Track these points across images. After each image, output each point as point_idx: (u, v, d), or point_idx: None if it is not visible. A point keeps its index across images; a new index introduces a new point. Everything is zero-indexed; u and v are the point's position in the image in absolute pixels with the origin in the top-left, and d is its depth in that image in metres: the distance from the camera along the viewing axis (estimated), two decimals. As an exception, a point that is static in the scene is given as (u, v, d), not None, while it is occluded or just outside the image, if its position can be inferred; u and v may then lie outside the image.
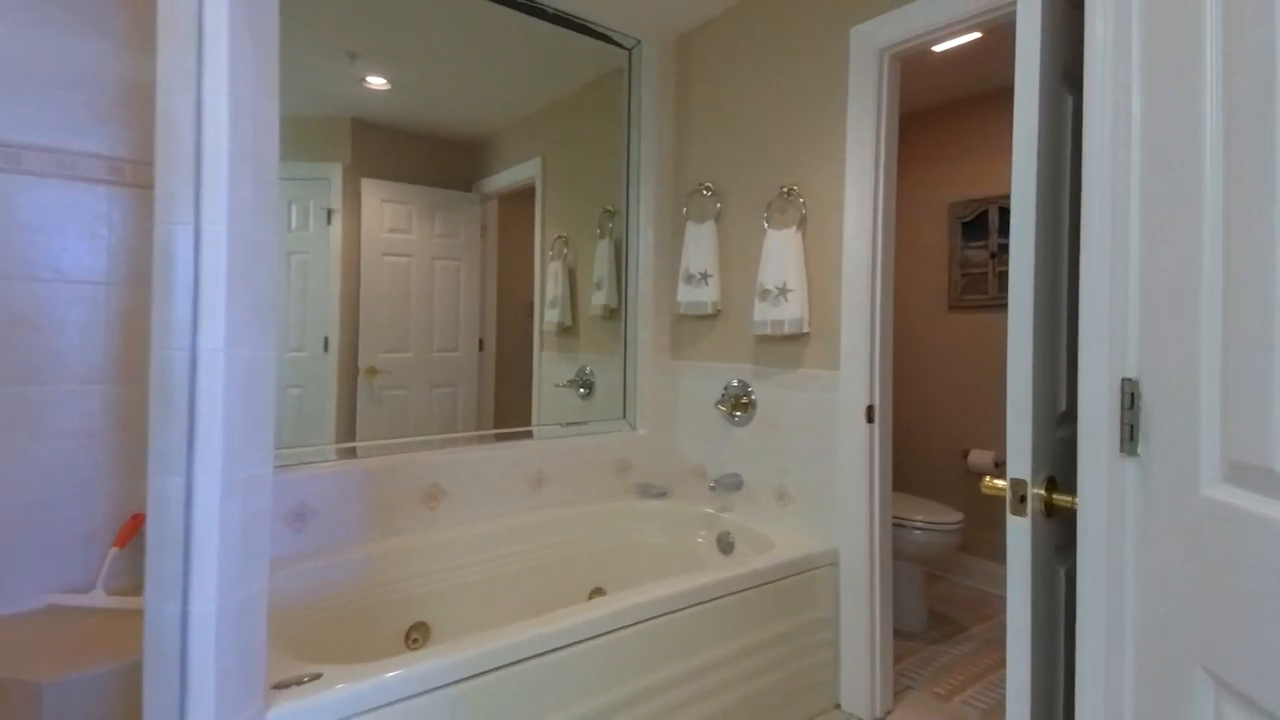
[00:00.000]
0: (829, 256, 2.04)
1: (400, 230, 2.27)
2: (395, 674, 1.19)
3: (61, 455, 1.50)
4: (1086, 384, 0.80)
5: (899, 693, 2.12)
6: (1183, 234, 0.67)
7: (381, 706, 1.16)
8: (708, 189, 2.44)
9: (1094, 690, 0.79)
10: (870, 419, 1.94)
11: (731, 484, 2.32)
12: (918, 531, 2.54)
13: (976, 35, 2.35)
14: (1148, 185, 0.72)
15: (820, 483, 2.04)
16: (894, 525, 2.53)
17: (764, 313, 2.12)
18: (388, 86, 2.19)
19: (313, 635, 1.62)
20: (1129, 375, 0.74)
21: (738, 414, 2.32)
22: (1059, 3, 0.95)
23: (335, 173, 2.15)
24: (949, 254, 3.27)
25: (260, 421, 1.04)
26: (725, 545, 2.26)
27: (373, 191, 2.21)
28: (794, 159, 2.15)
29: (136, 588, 1.52)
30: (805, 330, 2.08)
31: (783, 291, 2.08)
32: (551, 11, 2.34)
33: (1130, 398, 0.74)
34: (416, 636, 1.89)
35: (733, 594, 1.73)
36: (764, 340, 2.25)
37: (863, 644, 1.93)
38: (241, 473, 0.99)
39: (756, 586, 1.79)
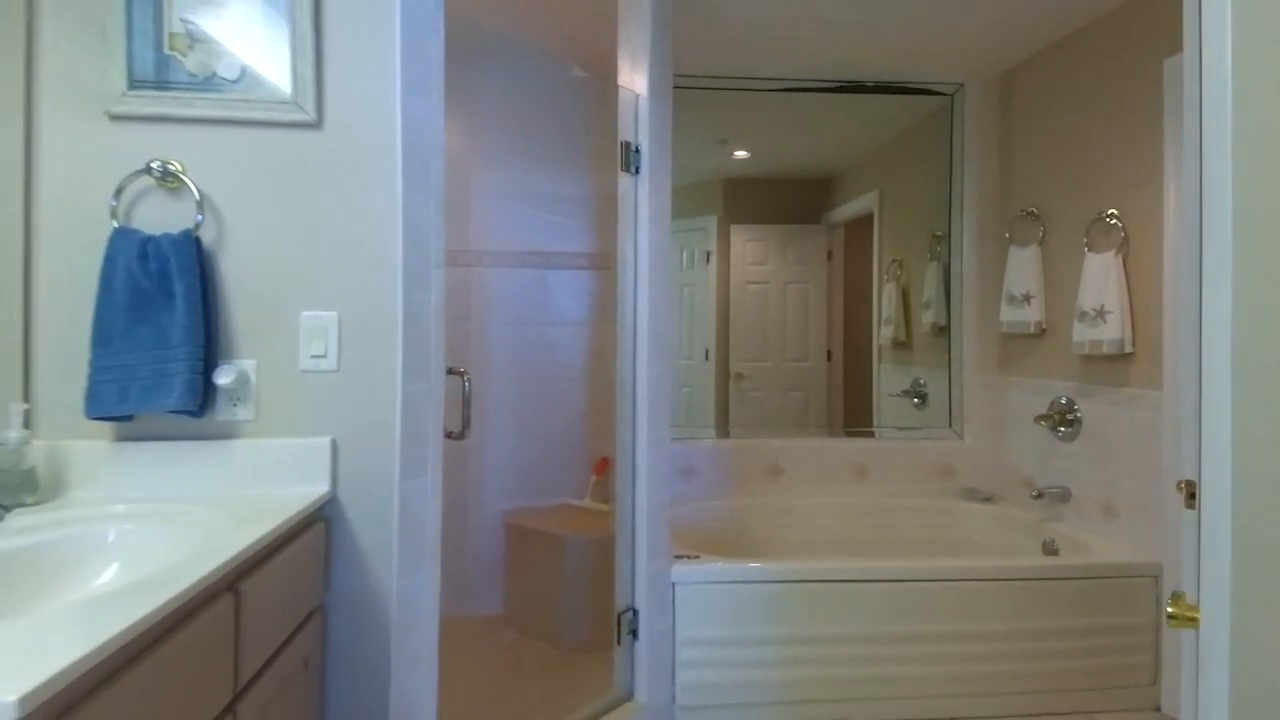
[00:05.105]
0: (1151, 279, 2.18)
1: (758, 263, 3.14)
2: (752, 565, 2.04)
3: (567, 423, 2.78)
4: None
5: None
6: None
7: (738, 582, 2.02)
8: (1031, 214, 2.70)
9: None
10: (1199, 440, 2.04)
11: (1058, 496, 2.55)
12: None
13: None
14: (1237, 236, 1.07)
15: (1150, 500, 2.20)
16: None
17: (1082, 333, 2.35)
18: (749, 156, 3.08)
19: (694, 545, 2.58)
20: (1205, 406, 1.10)
21: (1062, 429, 2.55)
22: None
23: (711, 223, 3.13)
24: None
25: (663, 407, 1.99)
26: (1050, 551, 2.53)
27: (738, 234, 3.13)
28: (1113, 186, 2.32)
29: (603, 499, 2.71)
30: (1128, 350, 2.24)
31: (1101, 313, 2.28)
32: (872, 85, 2.93)
33: (1205, 422, 1.09)
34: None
35: (1040, 579, 2.11)
36: (1088, 359, 2.44)
37: (1186, 658, 2.05)
38: (655, 433, 1.94)
39: (1064, 579, 2.12)
